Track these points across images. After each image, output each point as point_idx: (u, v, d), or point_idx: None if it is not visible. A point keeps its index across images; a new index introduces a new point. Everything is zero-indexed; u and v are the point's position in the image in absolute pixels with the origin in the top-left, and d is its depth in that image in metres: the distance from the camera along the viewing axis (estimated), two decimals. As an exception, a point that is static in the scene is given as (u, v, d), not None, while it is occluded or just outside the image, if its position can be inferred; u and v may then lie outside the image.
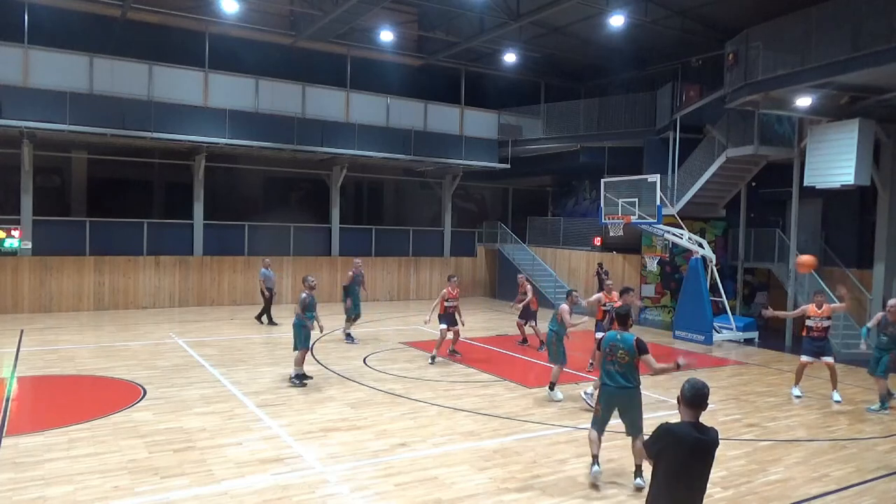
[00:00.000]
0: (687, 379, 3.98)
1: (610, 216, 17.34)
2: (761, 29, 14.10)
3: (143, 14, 18.38)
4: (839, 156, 14.06)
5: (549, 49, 21.90)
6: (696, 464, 3.88)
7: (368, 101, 21.10)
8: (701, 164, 18.12)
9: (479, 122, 23.15)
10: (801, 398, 10.71)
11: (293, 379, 10.40)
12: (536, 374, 11.84)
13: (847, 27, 12.48)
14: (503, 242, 25.20)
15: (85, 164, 20.64)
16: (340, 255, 22.02)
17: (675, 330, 16.61)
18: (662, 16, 18.10)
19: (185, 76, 18.33)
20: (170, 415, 8.59)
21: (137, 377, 10.58)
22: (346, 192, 24.02)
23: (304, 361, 10.61)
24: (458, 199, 26.71)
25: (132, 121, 17.25)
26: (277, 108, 19.42)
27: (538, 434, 8.32)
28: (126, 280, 18.68)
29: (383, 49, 21.37)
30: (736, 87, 14.60)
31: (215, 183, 21.58)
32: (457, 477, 6.78)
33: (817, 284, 16.02)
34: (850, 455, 7.99)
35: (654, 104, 20.67)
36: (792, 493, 6.72)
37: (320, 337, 13.51)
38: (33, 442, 7.40)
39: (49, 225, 17.89)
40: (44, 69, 16.51)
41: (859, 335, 15.14)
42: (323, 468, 6.91)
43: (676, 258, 19.23)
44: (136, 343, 13.62)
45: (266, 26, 20.08)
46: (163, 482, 6.38)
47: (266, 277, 16.44)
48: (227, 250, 19.90)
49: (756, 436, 8.60)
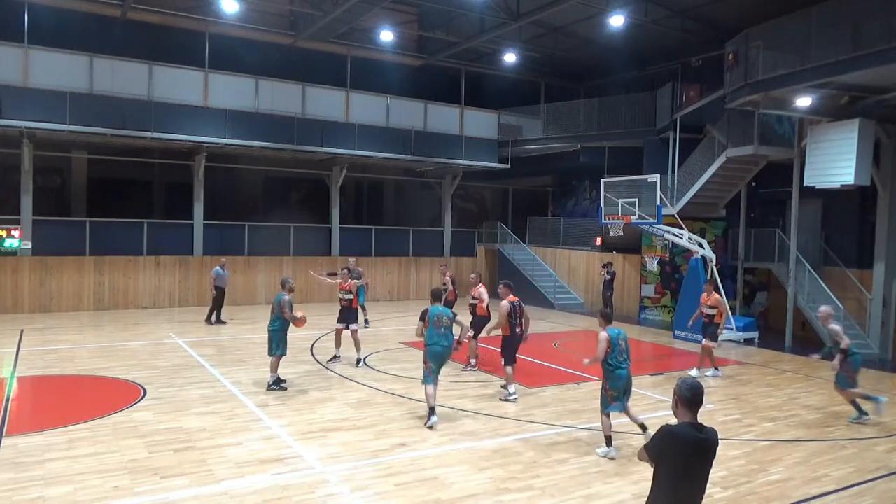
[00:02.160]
0: (683, 379, 3.96)
1: (610, 216, 17.34)
2: (761, 29, 14.09)
3: (143, 14, 18.38)
4: (839, 156, 14.05)
5: (549, 49, 21.90)
6: (698, 464, 3.88)
7: (368, 101, 21.10)
8: (701, 164, 18.13)
9: (479, 122, 23.15)
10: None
11: (272, 386, 10.04)
12: (536, 374, 11.83)
13: (847, 27, 12.48)
14: (503, 242, 25.20)
15: (85, 164, 20.64)
16: (340, 255, 22.01)
17: (675, 330, 16.61)
18: (662, 16, 18.10)
19: (185, 76, 18.33)
20: (170, 415, 8.59)
21: (137, 377, 10.58)
22: (346, 192, 24.02)
23: (278, 367, 10.24)
24: (458, 199, 26.72)
25: (132, 121, 17.25)
26: (277, 108, 19.42)
27: (538, 434, 8.32)
28: (126, 280, 18.68)
29: (383, 49, 21.37)
30: (736, 87, 14.59)
31: (215, 183, 21.58)
32: (457, 477, 6.78)
33: (817, 285, 16.06)
34: (850, 455, 7.99)
35: (654, 104, 20.67)
36: (792, 493, 6.72)
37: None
38: (33, 442, 7.40)
39: (49, 225, 17.89)
40: (44, 69, 16.51)
41: (858, 337, 15.25)
42: (323, 468, 6.91)
43: (676, 258, 19.23)
44: (135, 343, 13.62)
45: (266, 26, 20.09)
46: (163, 482, 6.38)
47: (217, 276, 16.36)
48: (227, 250, 19.88)
49: (756, 436, 8.60)
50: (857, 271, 16.37)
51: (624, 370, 7.71)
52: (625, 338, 7.79)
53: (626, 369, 7.74)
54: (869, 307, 15.55)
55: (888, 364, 14.43)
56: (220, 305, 16.49)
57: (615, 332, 7.75)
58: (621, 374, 7.67)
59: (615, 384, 7.66)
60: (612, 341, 7.65)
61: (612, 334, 7.69)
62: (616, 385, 7.66)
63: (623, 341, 7.74)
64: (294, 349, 13.34)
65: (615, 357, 7.65)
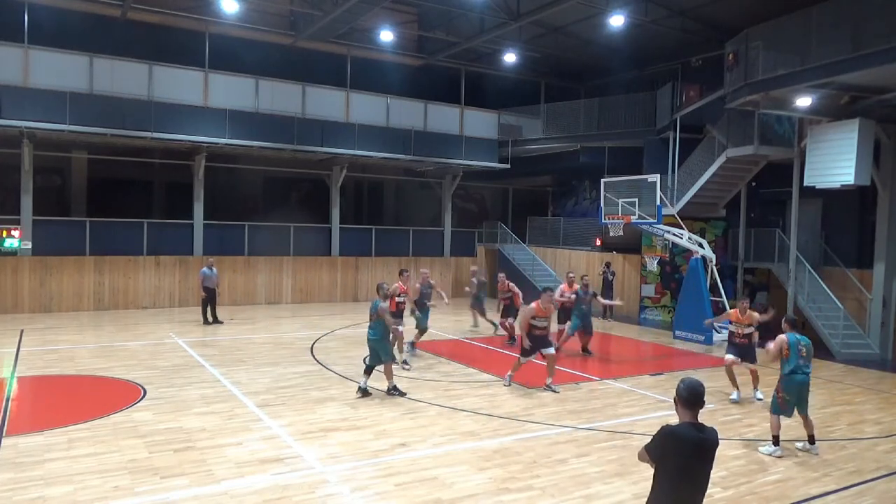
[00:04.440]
0: (682, 379, 3.97)
1: (610, 216, 17.34)
2: (761, 29, 14.09)
3: (143, 14, 18.38)
4: (839, 156, 14.05)
5: (549, 49, 21.90)
6: (699, 464, 3.88)
7: (368, 101, 21.10)
8: (701, 164, 18.12)
9: (479, 122, 23.14)
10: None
11: (392, 391, 9.84)
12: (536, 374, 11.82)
13: (847, 27, 12.47)
14: (503, 242, 25.20)
15: (85, 164, 20.63)
16: (340, 255, 22.02)
17: (676, 330, 16.61)
18: (662, 16, 18.10)
19: (185, 76, 18.32)
20: (170, 415, 8.59)
21: (137, 377, 10.58)
22: (346, 192, 24.01)
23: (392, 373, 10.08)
24: (458, 199, 26.72)
25: (132, 121, 17.25)
26: (277, 108, 19.41)
27: (538, 434, 8.31)
28: (126, 280, 18.68)
29: (383, 49, 21.36)
30: (736, 87, 14.59)
31: (215, 183, 21.57)
32: (457, 477, 6.78)
33: (817, 285, 16.06)
34: (850, 455, 7.99)
35: (654, 104, 20.67)
36: (792, 493, 6.72)
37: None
38: (33, 442, 7.40)
39: (49, 225, 17.88)
40: (44, 69, 16.50)
41: (859, 336, 15.26)
42: (323, 468, 6.91)
43: (676, 258, 19.23)
44: (135, 343, 13.62)
45: (266, 26, 20.08)
46: (163, 482, 6.38)
47: (205, 276, 16.30)
48: (227, 250, 19.89)
49: (756, 436, 8.60)
50: (857, 271, 16.37)
51: (801, 376, 7.88)
52: (807, 345, 7.98)
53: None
54: (869, 307, 15.55)
55: (888, 364, 14.43)
56: (212, 305, 16.45)
57: (794, 337, 7.95)
58: (798, 379, 7.85)
59: (789, 388, 7.86)
60: (790, 346, 7.86)
61: (792, 340, 7.90)
62: (790, 389, 7.87)
63: (804, 348, 7.92)
64: (294, 349, 13.40)
65: (793, 361, 7.87)
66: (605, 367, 13.02)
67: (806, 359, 7.89)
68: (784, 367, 7.90)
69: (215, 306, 16.52)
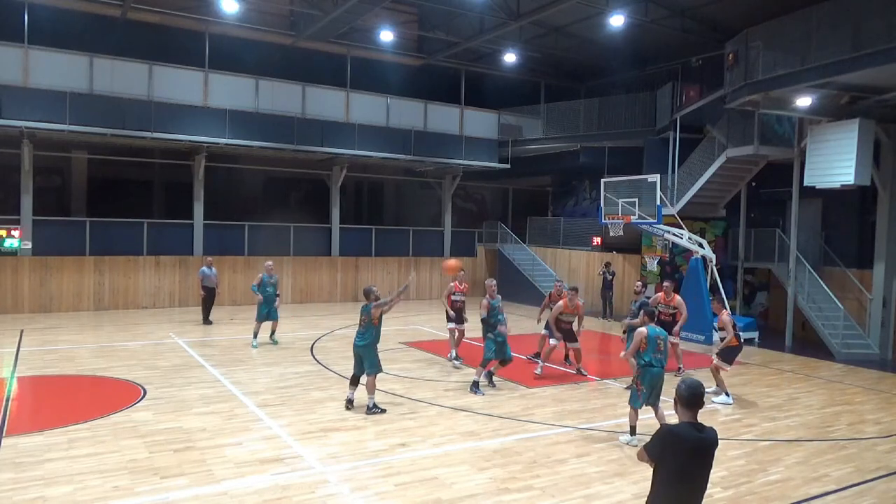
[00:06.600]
0: (682, 379, 3.99)
1: (610, 216, 17.33)
2: (761, 29, 14.08)
3: (143, 14, 18.36)
4: (839, 156, 14.03)
5: (549, 49, 21.89)
6: (698, 463, 3.89)
7: (368, 101, 21.10)
8: (701, 164, 18.11)
9: (479, 122, 23.14)
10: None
11: (372, 409, 9.05)
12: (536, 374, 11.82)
13: (847, 27, 12.46)
14: (503, 242, 25.19)
15: (85, 164, 20.64)
16: (340, 255, 22.01)
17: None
18: (662, 16, 18.09)
19: (185, 76, 18.32)
20: (170, 415, 8.59)
21: (137, 377, 10.58)
22: (346, 192, 24.02)
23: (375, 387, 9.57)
24: (458, 199, 26.71)
25: (132, 121, 17.25)
26: (277, 108, 19.41)
27: (538, 434, 8.31)
28: (126, 280, 18.68)
29: (383, 49, 21.35)
30: (736, 87, 14.58)
31: (215, 183, 21.56)
32: (457, 477, 6.78)
33: (818, 285, 16.06)
34: (850, 455, 7.99)
35: (654, 104, 20.66)
36: (792, 493, 6.72)
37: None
38: (33, 442, 7.40)
39: (49, 225, 17.88)
40: (44, 69, 16.51)
41: (859, 336, 15.25)
42: (323, 468, 6.91)
43: (676, 258, 19.23)
44: (135, 343, 13.62)
45: (266, 26, 20.07)
46: (163, 482, 6.38)
47: (204, 276, 16.28)
48: (227, 250, 19.90)
49: (756, 436, 8.60)
50: (857, 271, 16.36)
51: (657, 368, 8.04)
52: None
53: (661, 368, 8.09)
54: (869, 307, 15.54)
55: (888, 364, 14.43)
56: (209, 305, 16.45)
57: (654, 331, 8.07)
58: (654, 371, 7.99)
59: (644, 379, 7.99)
60: (649, 339, 7.97)
61: (651, 333, 8.01)
62: (645, 381, 8.00)
63: (662, 342, 8.03)
64: (294, 349, 13.40)
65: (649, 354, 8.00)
66: (606, 367, 13.02)
67: (662, 353, 8.02)
68: (640, 359, 8.00)
69: (210, 306, 16.52)
